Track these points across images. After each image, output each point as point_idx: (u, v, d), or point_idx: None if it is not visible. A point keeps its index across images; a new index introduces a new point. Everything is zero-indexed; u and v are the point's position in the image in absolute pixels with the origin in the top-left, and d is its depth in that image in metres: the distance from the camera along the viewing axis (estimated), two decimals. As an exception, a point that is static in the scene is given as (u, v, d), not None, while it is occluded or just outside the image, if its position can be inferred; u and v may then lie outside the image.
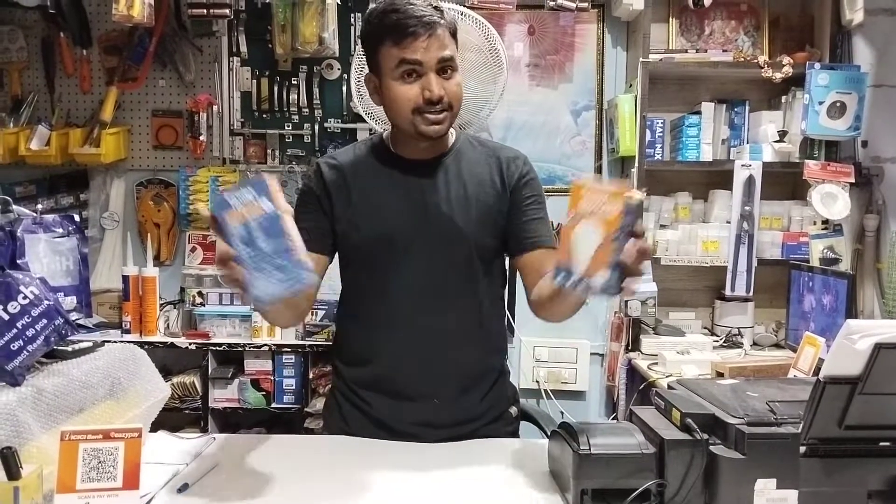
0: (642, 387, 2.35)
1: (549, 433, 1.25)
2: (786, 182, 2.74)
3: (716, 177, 2.71)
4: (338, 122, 2.85)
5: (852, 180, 2.53)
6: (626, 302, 2.53)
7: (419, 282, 1.41)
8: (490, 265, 1.47)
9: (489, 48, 2.46)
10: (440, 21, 1.33)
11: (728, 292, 2.59)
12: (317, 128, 2.85)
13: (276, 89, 2.82)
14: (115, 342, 1.38)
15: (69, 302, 1.35)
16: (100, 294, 2.68)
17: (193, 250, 2.85)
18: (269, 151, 2.86)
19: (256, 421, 2.65)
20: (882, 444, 1.03)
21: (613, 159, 2.85)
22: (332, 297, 2.26)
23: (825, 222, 2.60)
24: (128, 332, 2.55)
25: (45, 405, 1.10)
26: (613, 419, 2.71)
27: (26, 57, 2.80)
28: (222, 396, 2.58)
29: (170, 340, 2.55)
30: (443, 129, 1.37)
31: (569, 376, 2.88)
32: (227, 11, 2.52)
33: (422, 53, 1.31)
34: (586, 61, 2.86)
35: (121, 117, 2.82)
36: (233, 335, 2.61)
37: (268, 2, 2.62)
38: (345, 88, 2.82)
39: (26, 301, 1.12)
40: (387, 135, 1.49)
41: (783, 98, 2.68)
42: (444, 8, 1.38)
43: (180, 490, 1.14)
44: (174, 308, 2.66)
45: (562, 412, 2.81)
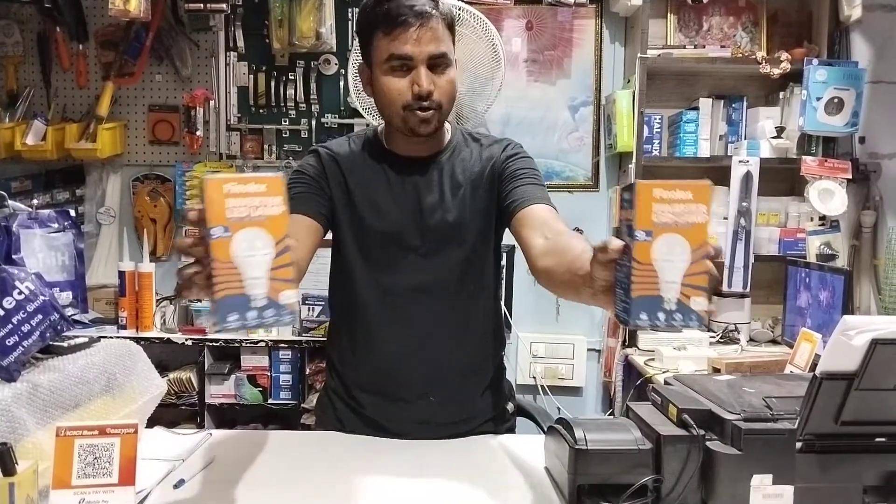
0: (639, 382, 2.35)
1: (545, 429, 1.25)
2: (783, 178, 2.74)
3: (713, 173, 2.70)
4: (335, 117, 2.85)
5: (849, 176, 2.54)
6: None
7: (415, 282, 1.39)
8: (486, 265, 1.45)
9: (487, 43, 2.46)
10: (433, 12, 1.28)
11: (725, 288, 2.60)
12: (314, 123, 2.84)
13: (273, 84, 2.81)
14: (111, 338, 1.38)
15: (65, 297, 1.35)
16: (96, 290, 2.68)
17: (190, 246, 2.84)
18: (265, 147, 2.85)
19: (253, 417, 2.65)
20: (878, 439, 1.03)
21: (611, 155, 2.85)
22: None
23: (822, 218, 2.60)
24: (124, 327, 2.54)
25: (40, 401, 1.09)
26: (610, 415, 2.72)
27: (22, 51, 2.79)
28: (219, 392, 2.58)
29: (166, 336, 2.55)
30: (431, 128, 1.33)
31: (565, 372, 2.88)
32: (224, 6, 2.52)
33: (412, 46, 1.27)
34: (584, 57, 2.86)
35: (117, 112, 2.82)
36: (229, 331, 2.60)
37: (265, -4, 2.62)
38: (342, 83, 2.81)
39: (22, 296, 1.12)
40: (381, 129, 1.45)
41: (781, 94, 2.68)
42: (443, 1, 1.33)
43: (176, 486, 1.13)
44: (170, 304, 2.66)
45: (558, 408, 2.82)
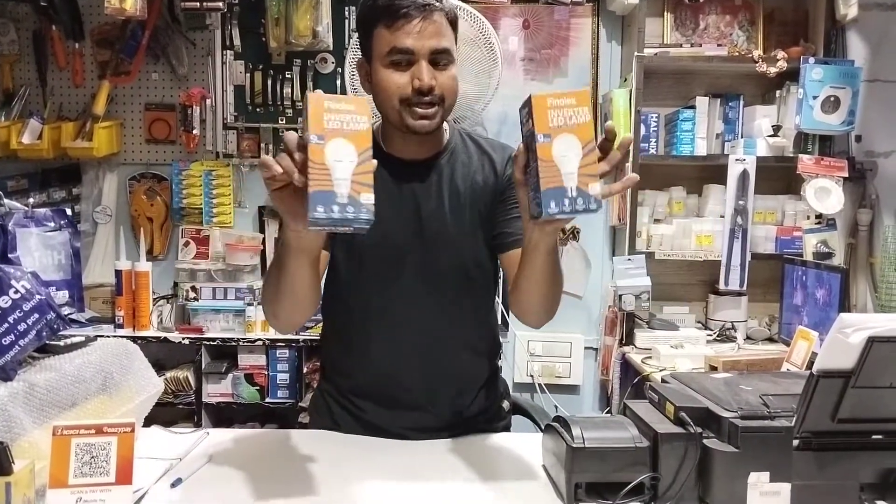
0: (636, 381, 2.35)
1: (543, 427, 1.25)
2: (780, 176, 2.75)
3: (710, 171, 2.72)
4: (332, 116, 2.84)
5: (846, 175, 2.54)
6: (620, 296, 2.53)
7: (412, 289, 1.36)
8: (484, 271, 1.43)
9: (484, 42, 2.45)
10: (437, 6, 1.25)
11: (722, 286, 2.60)
12: (311, 122, 2.83)
13: (269, 83, 2.80)
14: (107, 337, 1.38)
15: (61, 296, 1.35)
16: (92, 289, 2.67)
17: (187, 245, 2.84)
18: (262, 145, 2.85)
19: (250, 416, 2.64)
20: (875, 437, 1.03)
21: (608, 154, 2.85)
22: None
23: (819, 217, 2.61)
24: (121, 326, 2.54)
25: (37, 400, 1.09)
26: (607, 413, 2.72)
27: (18, 50, 2.78)
28: (216, 391, 2.58)
29: (163, 335, 2.54)
30: (432, 125, 1.29)
31: (563, 370, 2.89)
32: (221, 4, 2.51)
33: (414, 39, 1.24)
34: (581, 55, 2.86)
35: (113, 111, 2.81)
36: (226, 330, 2.61)
37: (261, -5, 2.61)
38: (339, 82, 2.81)
39: (18, 295, 1.12)
40: (377, 127, 1.39)
41: (777, 93, 2.68)
42: None
43: (174, 485, 1.13)
44: (167, 303, 2.65)
45: (556, 406, 2.82)
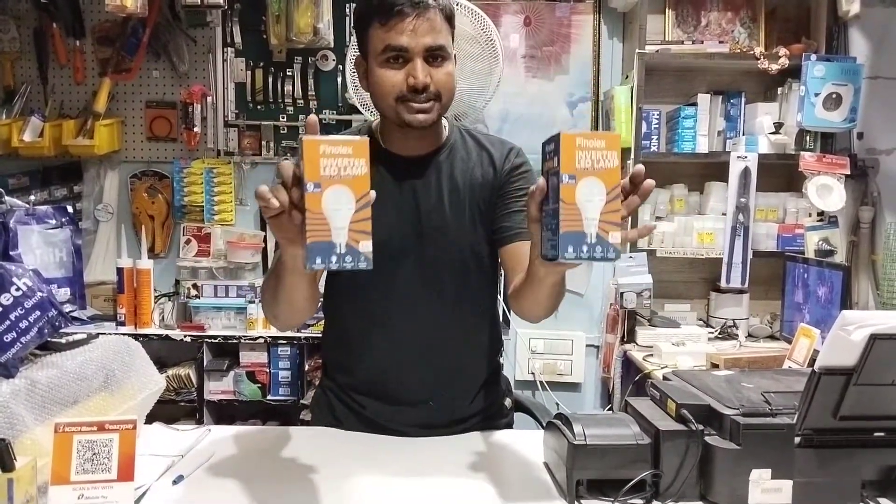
0: (638, 378, 2.35)
1: (544, 424, 1.25)
2: (781, 174, 2.74)
3: (711, 168, 2.72)
4: (333, 113, 2.84)
5: (848, 172, 2.54)
6: (621, 294, 2.53)
7: (412, 285, 1.36)
8: (484, 266, 1.42)
9: (485, 39, 2.45)
10: (431, 3, 1.25)
11: (723, 284, 2.60)
12: (312, 119, 2.83)
13: (270, 80, 2.80)
14: (109, 334, 1.38)
15: (63, 294, 1.35)
16: (94, 286, 2.68)
17: (188, 242, 2.84)
18: (263, 143, 2.85)
19: (252, 413, 2.65)
20: (876, 434, 1.03)
21: (609, 151, 2.85)
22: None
23: (820, 214, 2.60)
24: (122, 324, 2.54)
25: (38, 397, 1.09)
26: (609, 410, 2.72)
27: (18, 47, 2.78)
28: (217, 389, 2.58)
29: (165, 333, 2.55)
30: (428, 120, 1.29)
31: (564, 368, 2.89)
32: (221, 1, 2.51)
33: (408, 37, 1.24)
34: (582, 52, 2.86)
35: (114, 108, 2.81)
36: (228, 327, 2.61)
37: (262, -8, 2.61)
38: (340, 79, 2.81)
39: (19, 293, 1.12)
40: (376, 125, 1.41)
41: (779, 90, 2.68)
42: None
43: (175, 482, 1.13)
44: (169, 300, 2.66)
45: (557, 403, 2.82)
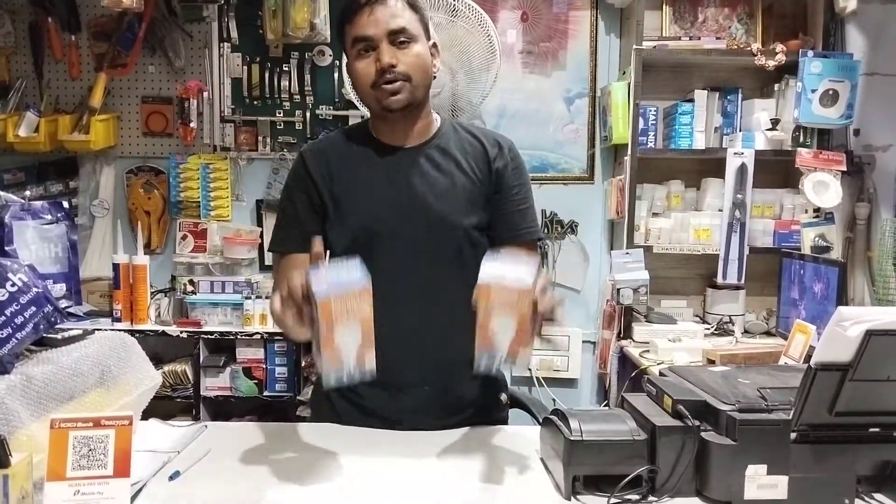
0: (634, 374, 2.36)
1: (541, 420, 1.25)
2: (778, 170, 2.75)
3: (708, 165, 2.72)
4: (329, 108, 2.84)
5: (844, 168, 2.54)
6: (618, 290, 2.53)
7: (406, 269, 1.39)
8: (477, 250, 1.43)
9: (482, 35, 2.45)
10: None
11: (720, 280, 2.60)
12: (308, 115, 2.83)
13: (267, 76, 2.80)
14: (105, 330, 1.38)
15: (58, 289, 1.35)
16: (90, 282, 2.67)
17: (184, 238, 2.84)
18: (260, 138, 2.84)
19: (248, 409, 2.64)
20: (872, 430, 1.04)
21: (606, 147, 2.85)
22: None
23: (817, 210, 2.61)
24: (118, 320, 2.54)
25: (34, 393, 1.09)
26: (605, 406, 2.73)
27: (13, 42, 2.77)
28: (214, 385, 2.58)
29: (161, 328, 2.54)
30: (401, 100, 1.35)
31: (561, 364, 2.89)
32: (218, -4, 2.50)
33: (371, 27, 1.33)
34: (579, 49, 2.85)
35: (110, 104, 2.80)
36: (224, 323, 2.60)
37: (258, -13, 2.60)
38: (336, 75, 2.80)
39: (15, 288, 1.12)
40: (370, 120, 1.48)
41: (776, 86, 2.68)
42: None
43: (172, 478, 1.13)
44: (165, 296, 2.65)
45: (554, 399, 2.82)
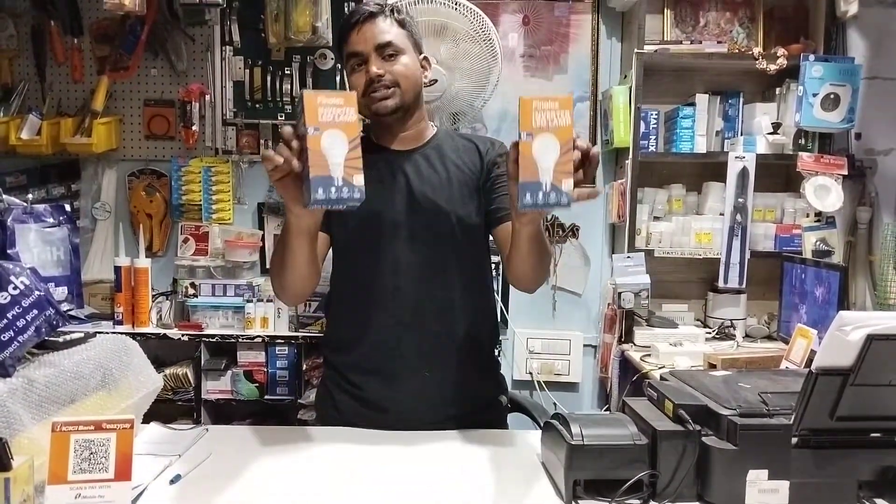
0: (635, 378, 2.35)
1: (542, 424, 1.25)
2: (779, 174, 2.75)
3: (709, 169, 2.72)
4: (331, 112, 2.83)
5: (845, 172, 2.54)
6: (619, 294, 2.53)
7: (405, 257, 1.48)
8: (473, 240, 1.54)
9: (483, 38, 2.45)
10: (377, 13, 1.47)
11: (721, 284, 2.60)
12: (310, 118, 2.83)
13: (269, 79, 2.80)
14: (106, 333, 1.38)
15: (60, 292, 1.35)
16: (92, 285, 2.67)
17: (186, 241, 2.84)
18: (262, 141, 2.84)
19: (249, 412, 2.64)
20: (873, 435, 1.04)
21: (607, 151, 2.85)
22: (324, 289, 2.26)
23: (818, 214, 2.61)
24: (120, 323, 2.53)
25: (36, 396, 1.09)
26: (606, 410, 2.72)
27: (16, 45, 2.77)
28: (215, 388, 2.58)
29: (162, 332, 2.54)
30: (389, 105, 1.47)
31: (562, 368, 2.89)
32: (220, 0, 2.50)
33: (361, 44, 1.46)
34: (581, 52, 2.86)
35: (112, 107, 2.80)
36: (225, 326, 2.60)
37: (261, -10, 2.60)
38: (338, 78, 2.80)
39: (17, 291, 1.12)
40: (370, 128, 1.59)
41: (777, 90, 2.68)
42: (405, 9, 1.57)
43: (173, 481, 1.13)
44: (166, 299, 2.65)
45: (555, 403, 2.82)
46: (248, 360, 2.58)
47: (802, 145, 2.61)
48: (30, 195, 2.66)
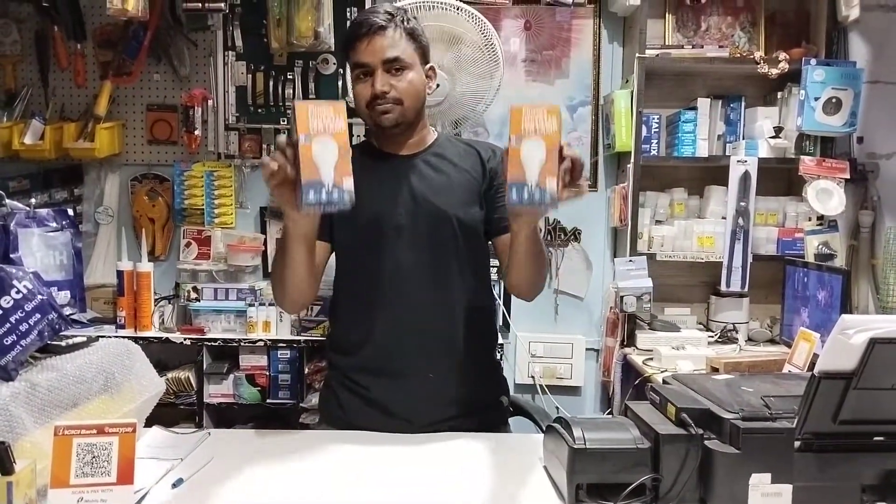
0: (637, 382, 2.35)
1: (544, 428, 1.25)
2: (781, 178, 2.75)
3: (711, 172, 2.72)
4: (333, 116, 2.84)
5: (847, 176, 2.54)
6: (621, 298, 2.53)
7: (407, 260, 1.50)
8: (474, 243, 1.56)
9: (485, 43, 2.46)
10: (387, 25, 1.47)
11: (723, 288, 2.60)
12: (312, 123, 2.83)
13: (271, 84, 2.81)
14: (109, 337, 1.38)
15: (63, 296, 1.35)
16: (94, 289, 2.67)
17: (188, 245, 2.84)
18: (264, 146, 2.85)
19: (251, 416, 2.64)
20: (876, 438, 1.03)
21: (609, 155, 2.85)
22: (327, 293, 2.26)
23: (820, 218, 2.60)
24: (122, 327, 2.54)
25: (38, 400, 1.09)
26: (608, 414, 2.72)
27: (20, 50, 2.78)
28: (217, 392, 2.58)
29: (164, 336, 2.54)
30: (392, 119, 1.49)
31: (564, 371, 2.89)
32: (222, 5, 2.51)
33: (368, 54, 1.47)
34: (582, 57, 2.86)
35: (115, 112, 2.81)
36: (228, 330, 2.60)
37: (263, -4, 2.61)
38: (341, 83, 2.81)
39: (19, 295, 1.12)
40: (372, 134, 1.63)
41: (779, 94, 2.68)
42: (411, 14, 1.55)
43: (175, 485, 1.13)
44: (169, 303, 2.65)
45: (557, 407, 2.82)
46: (251, 363, 2.58)
47: (804, 149, 2.61)
48: (33, 200, 2.65)
